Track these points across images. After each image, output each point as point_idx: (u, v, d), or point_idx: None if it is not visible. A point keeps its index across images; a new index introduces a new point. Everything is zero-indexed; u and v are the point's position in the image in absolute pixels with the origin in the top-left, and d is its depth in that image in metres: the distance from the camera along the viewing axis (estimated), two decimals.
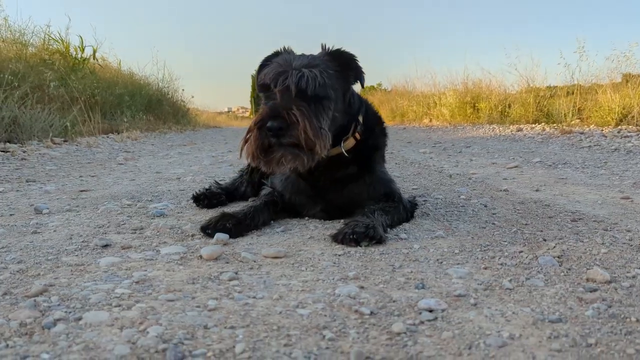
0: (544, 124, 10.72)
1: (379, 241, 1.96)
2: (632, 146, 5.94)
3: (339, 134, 2.24)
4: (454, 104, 14.76)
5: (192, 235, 2.15)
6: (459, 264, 1.72)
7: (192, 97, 20.30)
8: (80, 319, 1.26)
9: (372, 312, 1.30)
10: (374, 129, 2.44)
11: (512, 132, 9.69)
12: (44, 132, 7.45)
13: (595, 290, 1.44)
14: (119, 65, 14.19)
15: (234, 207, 2.75)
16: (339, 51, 2.26)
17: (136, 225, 2.35)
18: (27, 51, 9.97)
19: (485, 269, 1.66)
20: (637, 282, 1.50)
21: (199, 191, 2.90)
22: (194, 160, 6.09)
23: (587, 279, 1.53)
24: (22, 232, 2.28)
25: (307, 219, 2.42)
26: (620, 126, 8.70)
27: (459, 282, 1.53)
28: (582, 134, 7.92)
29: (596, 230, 2.17)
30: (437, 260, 1.77)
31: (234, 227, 2.10)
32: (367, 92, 21.34)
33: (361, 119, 2.36)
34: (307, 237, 2.11)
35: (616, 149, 5.84)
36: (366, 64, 2.43)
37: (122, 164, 5.59)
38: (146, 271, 1.66)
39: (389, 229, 2.18)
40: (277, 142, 1.99)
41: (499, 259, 1.76)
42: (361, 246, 1.92)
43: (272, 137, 1.98)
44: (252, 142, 2.02)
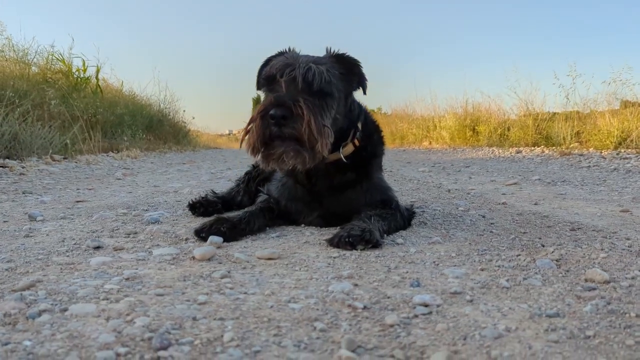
0: (543, 146, 10.73)
1: (375, 245, 1.93)
2: (632, 166, 5.93)
3: (338, 139, 2.20)
4: (454, 127, 14.80)
5: (186, 239, 2.12)
6: (455, 265, 1.69)
7: (193, 118, 20.38)
8: (66, 310, 1.23)
9: (365, 307, 1.27)
10: (372, 137, 2.43)
11: (511, 154, 9.69)
12: (44, 149, 7.45)
13: (594, 289, 1.41)
14: (121, 85, 14.27)
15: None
16: (343, 55, 2.25)
17: (130, 230, 2.33)
18: (30, 70, 10.05)
19: (482, 270, 1.63)
20: (637, 282, 1.47)
21: (195, 199, 2.88)
22: (192, 176, 6.07)
23: (586, 279, 1.50)
24: (14, 235, 2.26)
25: (303, 225, 2.39)
26: (619, 149, 8.71)
27: (455, 281, 1.50)
28: (581, 155, 7.92)
29: (595, 238, 2.14)
30: (434, 262, 1.74)
31: (228, 230, 2.07)
32: None
33: (360, 126, 2.35)
34: (302, 242, 2.08)
35: (615, 169, 5.83)
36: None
37: (120, 179, 5.57)
38: (137, 269, 1.63)
39: (386, 235, 2.15)
40: (278, 133, 1.94)
41: (496, 261, 1.73)
42: (357, 249, 1.89)
43: (273, 125, 1.92)
44: (254, 132, 1.97)
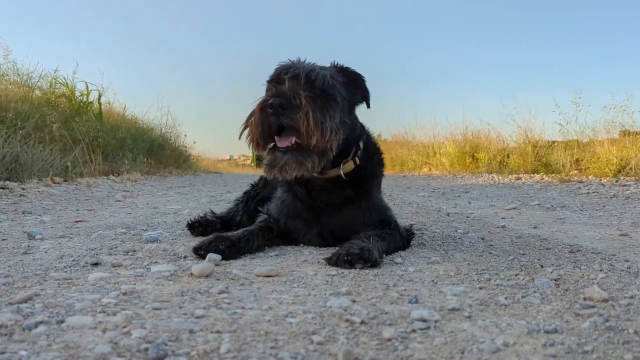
0: (542, 173, 10.75)
1: (374, 264, 1.93)
2: (631, 193, 5.93)
3: (339, 154, 2.20)
4: (453, 154, 14.84)
5: (185, 256, 2.12)
6: (454, 284, 1.69)
7: (194, 143, 20.43)
8: (62, 322, 1.22)
9: (363, 321, 1.26)
10: (373, 157, 2.43)
11: (510, 180, 9.70)
12: (44, 172, 7.46)
13: (592, 307, 1.41)
14: (123, 110, 14.38)
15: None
16: (348, 69, 2.29)
17: (129, 248, 2.32)
18: (33, 94, 10.14)
19: (480, 288, 1.63)
20: (635, 301, 1.47)
21: (194, 219, 2.88)
22: (192, 198, 6.07)
23: (585, 298, 1.50)
24: (13, 252, 2.26)
25: (302, 245, 2.39)
26: (618, 176, 8.73)
27: (453, 298, 1.50)
28: (580, 182, 7.94)
29: (594, 259, 2.14)
30: (432, 280, 1.73)
31: (227, 249, 2.07)
32: None
33: (362, 145, 2.36)
34: (301, 261, 2.08)
35: (615, 195, 5.83)
36: (366, 117, 2.44)
37: (119, 201, 5.57)
38: (135, 285, 1.62)
39: (385, 255, 2.14)
40: (276, 122, 1.95)
41: (495, 280, 1.73)
42: (355, 268, 1.89)
43: (271, 115, 1.94)
44: (254, 126, 1.99)
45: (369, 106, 2.34)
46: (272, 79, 2.15)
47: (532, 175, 10.53)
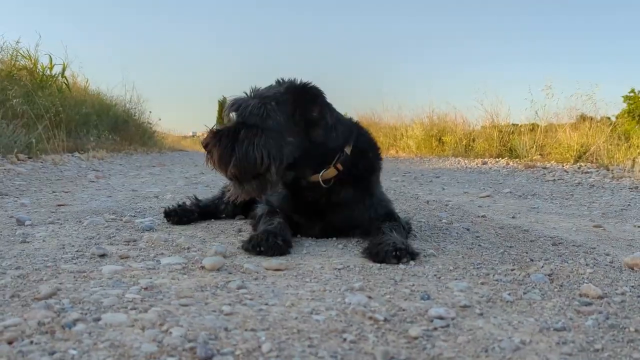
0: (507, 158, 11.07)
1: (413, 257, 2.02)
2: (594, 181, 6.20)
3: (321, 163, 2.29)
4: (420, 137, 15.07)
5: (188, 248, 2.16)
6: (456, 279, 1.78)
7: (160, 120, 20.07)
8: (99, 320, 1.26)
9: (385, 319, 1.34)
10: (367, 154, 2.46)
11: (477, 164, 9.96)
12: (8, 148, 7.26)
13: (590, 304, 1.52)
14: (86, 84, 13.99)
15: (210, 225, 2.78)
16: (294, 87, 2.27)
17: (127, 237, 2.34)
18: None
19: (482, 284, 1.73)
20: (628, 298, 1.59)
21: (171, 206, 2.89)
22: (167, 180, 6.04)
23: (581, 294, 1.62)
24: (10, 240, 2.25)
25: (299, 236, 2.45)
26: (579, 163, 9.07)
27: (460, 294, 1.59)
28: (545, 168, 8.22)
29: (577, 253, 2.28)
30: (435, 275, 1.83)
31: (284, 242, 2.12)
32: None
33: (349, 150, 2.36)
34: (303, 253, 2.14)
35: (579, 183, 6.09)
36: (333, 93, 2.41)
37: (93, 182, 5.50)
38: (151, 279, 1.66)
39: None
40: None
41: (493, 275, 1.83)
42: (402, 263, 1.96)
43: (207, 153, 2.22)
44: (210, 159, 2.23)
45: (328, 123, 2.27)
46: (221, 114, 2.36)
47: (497, 159, 10.82)
